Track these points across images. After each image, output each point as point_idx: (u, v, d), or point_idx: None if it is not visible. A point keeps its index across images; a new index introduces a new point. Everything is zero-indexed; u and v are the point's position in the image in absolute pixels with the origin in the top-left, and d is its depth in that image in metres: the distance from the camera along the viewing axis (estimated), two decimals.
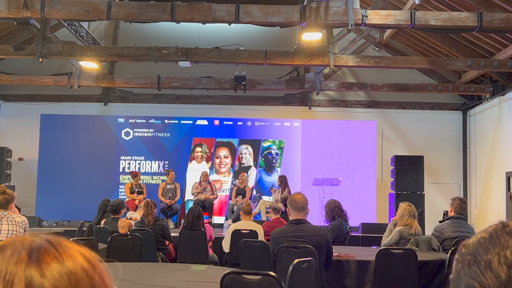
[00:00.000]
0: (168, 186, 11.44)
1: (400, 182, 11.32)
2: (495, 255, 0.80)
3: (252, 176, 12.68)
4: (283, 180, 10.99)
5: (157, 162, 12.82)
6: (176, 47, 9.99)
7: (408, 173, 11.33)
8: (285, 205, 8.14)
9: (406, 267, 5.11)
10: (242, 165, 12.82)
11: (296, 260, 3.99)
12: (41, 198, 12.47)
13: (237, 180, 12.24)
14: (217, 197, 11.81)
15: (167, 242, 7.50)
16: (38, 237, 0.74)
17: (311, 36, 9.72)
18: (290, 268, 3.87)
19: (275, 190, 11.24)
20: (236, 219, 9.54)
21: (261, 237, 6.90)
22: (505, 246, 0.80)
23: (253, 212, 9.52)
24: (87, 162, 12.65)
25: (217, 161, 12.87)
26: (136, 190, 11.23)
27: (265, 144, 12.88)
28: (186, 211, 8.59)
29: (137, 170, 12.37)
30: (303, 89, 12.57)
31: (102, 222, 7.86)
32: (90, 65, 11.11)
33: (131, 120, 12.92)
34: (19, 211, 5.67)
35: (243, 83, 11.64)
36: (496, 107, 11.61)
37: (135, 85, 12.30)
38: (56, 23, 10.97)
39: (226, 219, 11.12)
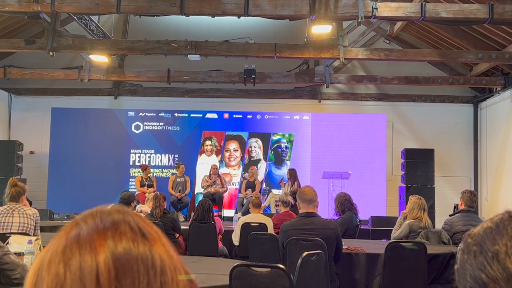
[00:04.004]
0: (178, 180, 11.47)
1: (410, 175, 11.27)
2: (503, 246, 0.79)
3: (261, 170, 12.69)
4: (292, 174, 10.99)
5: (167, 155, 12.86)
6: (185, 41, 10.00)
7: (418, 166, 11.28)
8: (295, 198, 8.15)
9: (416, 260, 5.10)
10: (252, 159, 12.83)
11: (305, 253, 3.99)
12: (52, 191, 12.56)
13: (246, 174, 12.26)
14: (226, 190, 11.83)
15: (177, 235, 7.53)
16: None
17: (321, 29, 9.68)
18: (299, 261, 3.88)
19: (285, 184, 11.25)
20: (246, 212, 9.56)
21: (270, 230, 6.92)
22: None
23: (262, 205, 9.53)
24: (98, 156, 12.71)
25: (227, 154, 12.89)
26: (146, 183, 11.27)
27: (275, 138, 12.87)
28: (196, 204, 8.62)
29: (147, 163, 12.43)
30: (312, 82, 12.54)
31: None
32: (100, 58, 11.14)
33: (141, 114, 12.96)
34: (31, 204, 5.71)
35: (252, 76, 11.63)
36: (508, 100, 11.52)
37: (145, 79, 12.33)
38: (66, 17, 10.99)
39: (236, 212, 11.15)
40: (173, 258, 0.72)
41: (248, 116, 12.99)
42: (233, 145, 12.90)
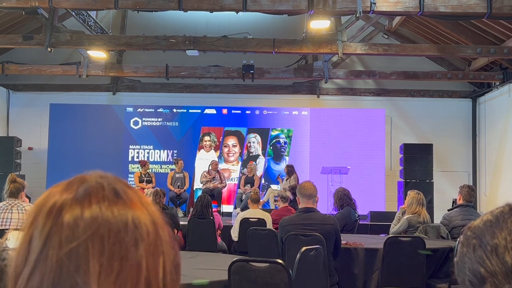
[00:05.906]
0: (177, 175, 11.47)
1: (409, 170, 11.28)
2: (502, 240, 0.79)
3: (260, 165, 12.69)
4: (290, 169, 10.99)
5: (165, 151, 12.86)
6: (184, 36, 9.98)
7: (417, 161, 11.28)
8: (293, 194, 8.15)
9: (415, 255, 5.11)
10: (251, 154, 12.83)
11: (304, 248, 3.99)
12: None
13: (245, 169, 12.26)
14: (225, 186, 11.83)
15: (176, 231, 7.53)
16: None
17: (319, 24, 9.66)
18: (298, 256, 3.88)
19: (282, 179, 11.26)
20: (245, 208, 9.56)
21: (269, 225, 6.92)
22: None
23: (261, 200, 9.53)
24: (96, 151, 12.70)
25: (226, 150, 12.89)
26: (145, 179, 11.27)
27: (274, 133, 12.87)
28: (195, 200, 8.62)
29: (146, 159, 12.42)
30: (311, 78, 12.53)
31: None
32: (98, 54, 11.12)
33: (139, 109, 12.95)
34: (29, 200, 5.70)
35: (251, 71, 11.61)
36: (506, 95, 11.52)
37: (143, 74, 12.31)
38: (64, 12, 10.97)
39: (235, 208, 11.16)
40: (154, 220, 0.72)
41: (247, 112, 12.98)
42: (231, 141, 12.89)
